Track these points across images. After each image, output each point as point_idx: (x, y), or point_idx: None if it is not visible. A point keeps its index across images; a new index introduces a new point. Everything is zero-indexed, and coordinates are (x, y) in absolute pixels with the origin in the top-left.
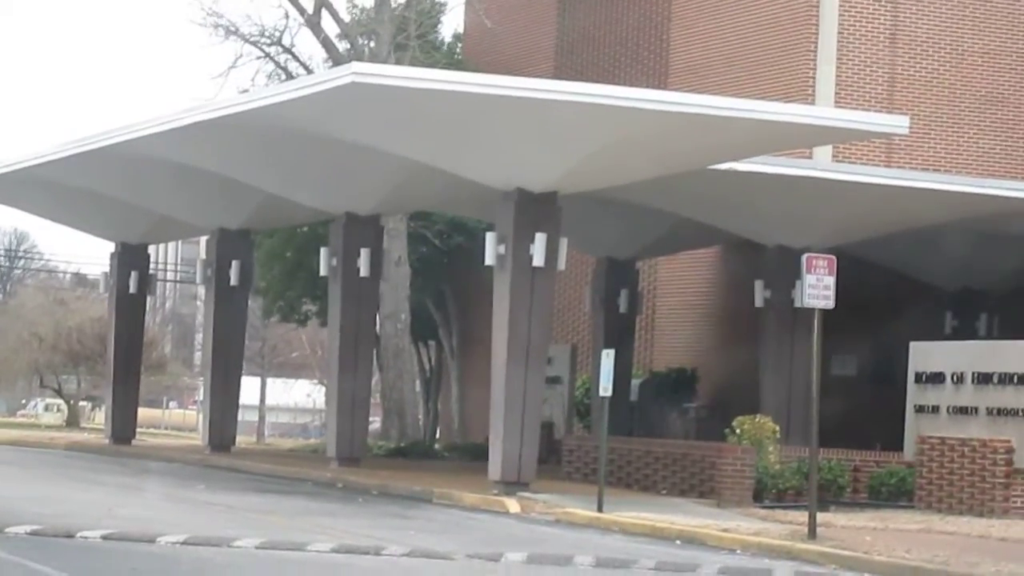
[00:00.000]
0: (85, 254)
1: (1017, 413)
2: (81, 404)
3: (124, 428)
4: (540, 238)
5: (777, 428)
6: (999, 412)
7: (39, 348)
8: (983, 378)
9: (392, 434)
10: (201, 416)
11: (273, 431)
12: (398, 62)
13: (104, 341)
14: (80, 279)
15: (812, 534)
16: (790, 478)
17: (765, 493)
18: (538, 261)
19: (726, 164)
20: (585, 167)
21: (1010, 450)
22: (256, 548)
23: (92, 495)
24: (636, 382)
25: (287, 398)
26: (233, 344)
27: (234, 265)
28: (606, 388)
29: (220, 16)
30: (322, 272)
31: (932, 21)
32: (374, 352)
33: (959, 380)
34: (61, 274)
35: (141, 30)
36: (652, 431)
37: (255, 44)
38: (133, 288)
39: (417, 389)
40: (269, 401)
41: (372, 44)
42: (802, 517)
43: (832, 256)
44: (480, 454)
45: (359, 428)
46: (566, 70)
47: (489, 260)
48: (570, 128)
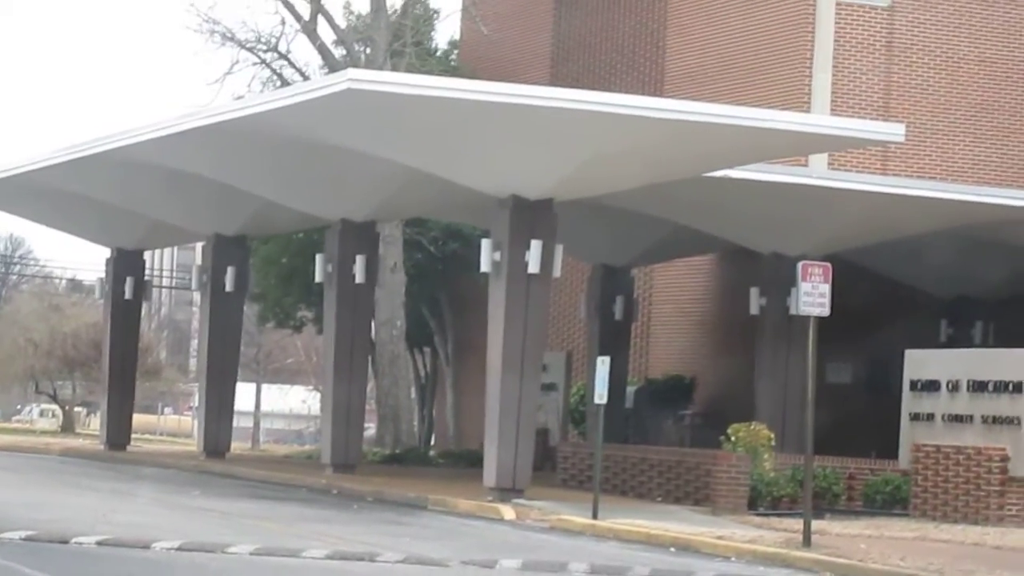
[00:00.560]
0: (81, 260)
1: (1012, 421)
2: (76, 410)
3: (119, 434)
4: (535, 245)
5: (772, 436)
6: (994, 420)
7: (34, 354)
8: (978, 386)
9: (387, 441)
10: (196, 422)
11: (268, 437)
12: (394, 69)
13: (99, 347)
14: (76, 285)
15: (807, 542)
16: (785, 486)
17: (760, 501)
18: (533, 268)
19: (722, 171)
20: (581, 174)
21: (1005, 458)
22: (251, 554)
23: (87, 501)
24: (631, 389)
25: (282, 404)
26: (228, 350)
27: (230, 271)
28: (601, 395)
29: (216, 22)
30: (318, 278)
31: (928, 29)
32: (369, 359)
33: (954, 388)
34: (57, 280)
35: (137, 36)
36: (647, 438)
37: (251, 50)
38: (129, 294)
39: (412, 396)
40: (264, 407)
41: (368, 51)
42: (797, 525)
43: (827, 264)
44: (475, 461)
45: (354, 435)
46: (562, 77)
47: (484, 267)
48: (566, 135)
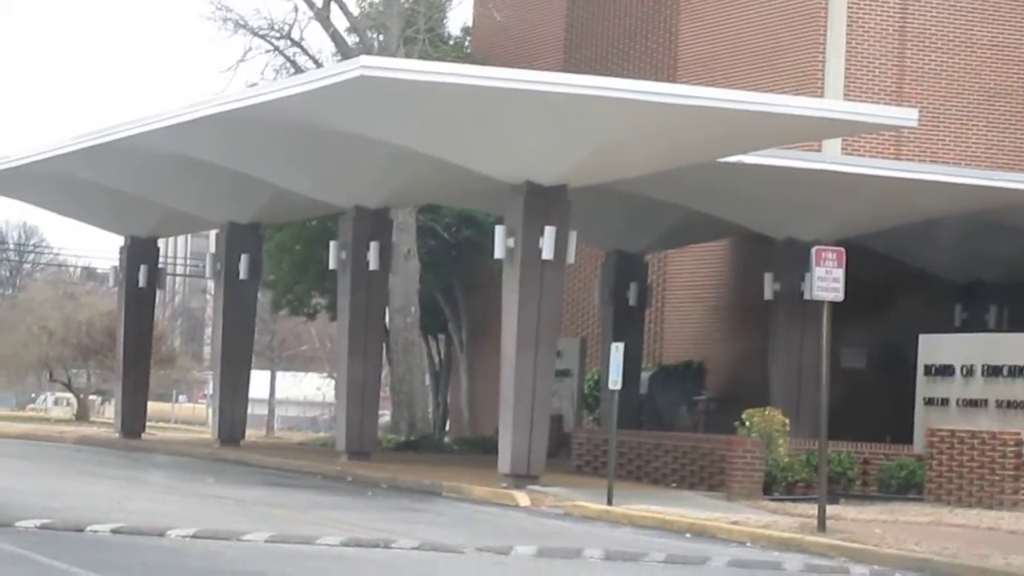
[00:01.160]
0: (95, 248)
1: None
2: (91, 398)
3: (134, 422)
4: (549, 231)
5: (787, 421)
6: (1009, 404)
7: (48, 342)
8: (993, 370)
9: (402, 427)
10: (210, 410)
11: (283, 425)
12: (407, 55)
13: (113, 335)
14: (90, 273)
15: (822, 527)
16: (799, 471)
17: (774, 486)
18: (547, 254)
19: (735, 157)
20: (594, 160)
21: (1020, 442)
22: (265, 542)
23: (102, 489)
24: (645, 375)
25: (296, 392)
26: (242, 338)
27: (243, 259)
28: (615, 381)
29: (229, 10)
30: (331, 265)
31: (941, 13)
32: (384, 345)
33: (969, 372)
34: (71, 268)
35: (151, 24)
36: (661, 424)
37: (264, 38)
38: (143, 282)
39: (427, 382)
40: (279, 395)
41: (381, 37)
42: (812, 510)
43: (841, 248)
44: (490, 447)
45: (369, 422)
46: (575, 63)
47: (498, 253)
48: (579, 121)
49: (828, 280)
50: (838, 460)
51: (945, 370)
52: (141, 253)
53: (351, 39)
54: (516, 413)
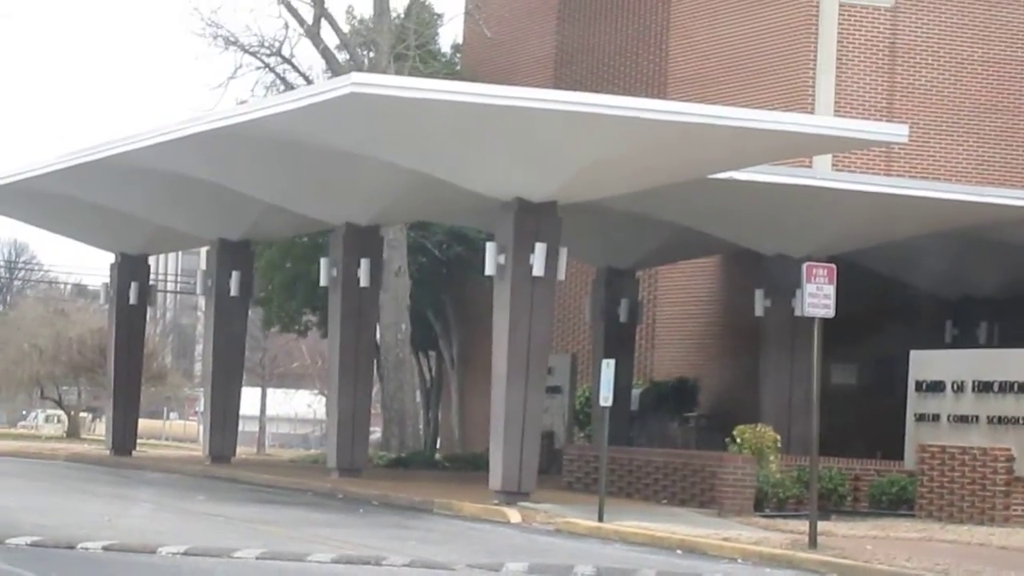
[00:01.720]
0: (85, 265)
1: (1017, 421)
2: (82, 415)
3: (125, 439)
4: (540, 248)
5: (778, 437)
6: (999, 420)
7: (39, 359)
8: (983, 386)
9: (393, 444)
10: (201, 427)
11: (274, 442)
12: (397, 72)
13: (104, 352)
14: (80, 290)
15: (813, 543)
16: (791, 487)
17: (766, 502)
18: (538, 271)
19: (726, 173)
20: (585, 177)
21: (1010, 458)
22: (257, 559)
23: (93, 506)
24: (636, 392)
25: (287, 408)
26: (233, 355)
27: (234, 276)
28: (606, 398)
29: (219, 27)
30: (322, 282)
31: (931, 30)
32: (374, 362)
33: (959, 388)
34: (61, 285)
35: (140, 41)
36: (652, 441)
37: (254, 55)
38: (133, 299)
39: (417, 399)
40: (269, 412)
41: (371, 54)
42: (803, 526)
43: (832, 265)
44: (481, 464)
45: (360, 439)
46: (565, 80)
47: (489, 270)
48: (569, 138)
49: (819, 296)
50: (829, 476)
51: (936, 386)
52: (132, 270)
53: (341, 56)
54: (507, 430)
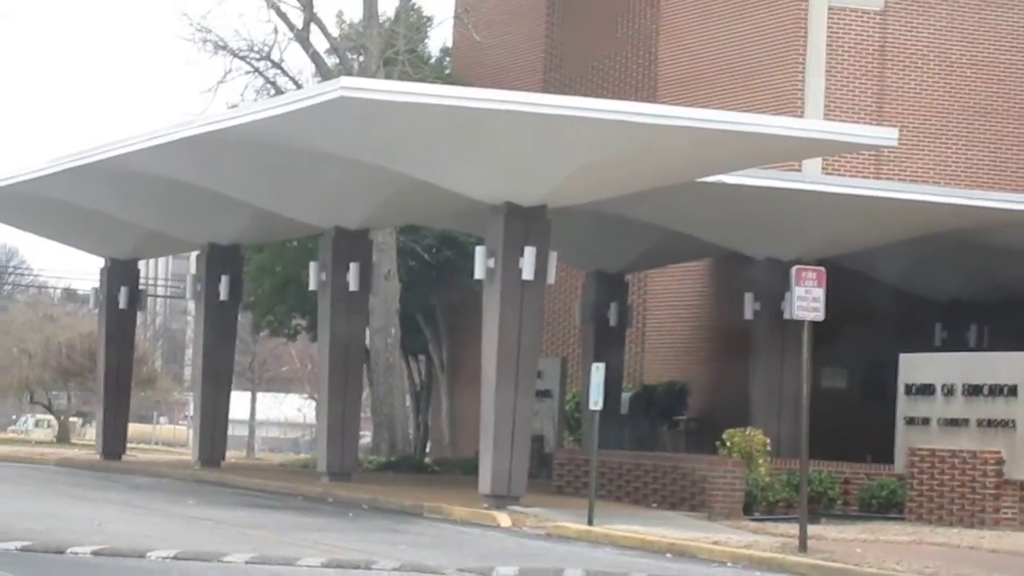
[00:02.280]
0: (75, 269)
1: (1007, 424)
2: (71, 420)
3: (114, 443)
4: (529, 252)
5: (767, 440)
6: (989, 423)
7: (29, 364)
8: (973, 390)
9: (382, 448)
10: (191, 431)
11: (263, 446)
12: (387, 76)
13: (94, 357)
14: (70, 294)
15: (803, 546)
16: (780, 490)
17: (755, 506)
18: (528, 275)
19: (715, 177)
20: (574, 180)
21: (1000, 461)
22: (246, 563)
23: (82, 510)
24: (626, 395)
25: (277, 412)
26: (223, 359)
27: (224, 280)
28: (596, 402)
29: (209, 31)
30: (311, 286)
31: (921, 33)
32: (364, 366)
33: (949, 392)
34: (51, 290)
35: (130, 45)
36: (642, 444)
37: (244, 59)
38: (123, 303)
39: (407, 403)
40: (259, 416)
41: (361, 58)
42: (793, 529)
43: (821, 268)
44: (470, 468)
45: (349, 443)
46: (554, 83)
47: (479, 274)
48: (559, 142)
49: (808, 300)
50: (819, 480)
51: (926, 389)
52: (121, 274)
53: (331, 60)
54: (497, 433)
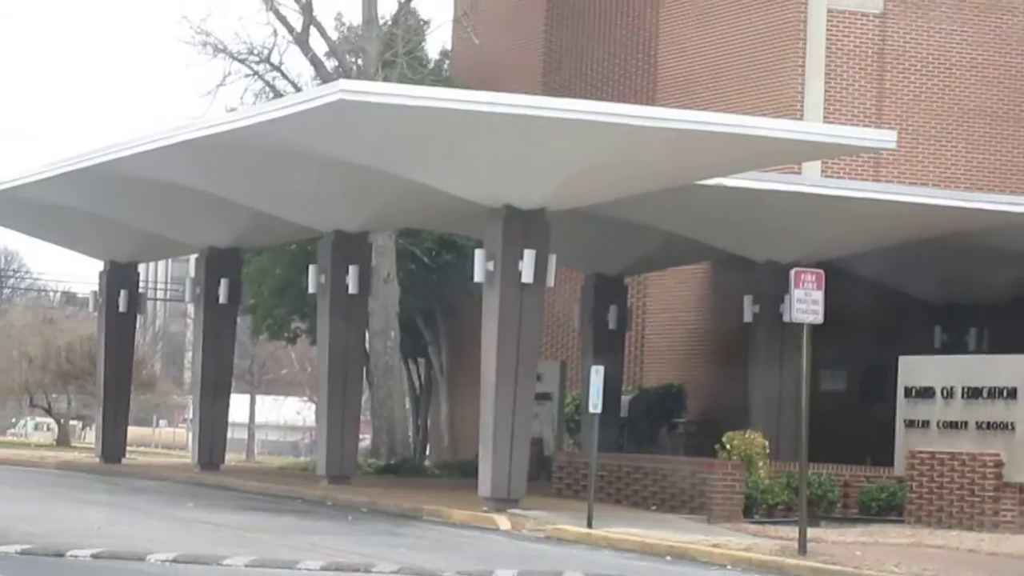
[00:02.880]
0: (74, 273)
1: (1006, 427)
2: (71, 423)
3: (114, 447)
4: (529, 255)
5: (767, 443)
6: (988, 426)
7: (28, 367)
8: (973, 392)
9: (382, 451)
10: (191, 434)
11: (263, 449)
12: (386, 79)
13: (94, 360)
14: (69, 298)
15: (802, 549)
16: (780, 493)
17: (755, 508)
18: (527, 278)
19: (715, 180)
20: (573, 183)
21: (999, 464)
22: (246, 566)
23: (82, 514)
24: (626, 398)
25: (276, 416)
26: (222, 362)
27: (223, 283)
28: (596, 404)
29: (208, 34)
30: (311, 289)
31: (920, 36)
32: (364, 369)
33: (949, 395)
34: (50, 293)
35: (129, 48)
36: (642, 447)
37: (243, 62)
38: (123, 307)
39: (407, 406)
40: (259, 419)
41: (360, 61)
42: (792, 532)
43: (820, 271)
44: (470, 471)
45: (349, 446)
46: (554, 86)
47: (478, 277)
48: (558, 144)
49: (807, 302)
50: (819, 482)
51: (925, 392)
52: (121, 278)
53: (330, 63)
54: (496, 436)
